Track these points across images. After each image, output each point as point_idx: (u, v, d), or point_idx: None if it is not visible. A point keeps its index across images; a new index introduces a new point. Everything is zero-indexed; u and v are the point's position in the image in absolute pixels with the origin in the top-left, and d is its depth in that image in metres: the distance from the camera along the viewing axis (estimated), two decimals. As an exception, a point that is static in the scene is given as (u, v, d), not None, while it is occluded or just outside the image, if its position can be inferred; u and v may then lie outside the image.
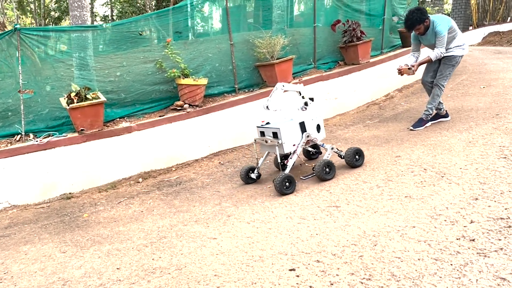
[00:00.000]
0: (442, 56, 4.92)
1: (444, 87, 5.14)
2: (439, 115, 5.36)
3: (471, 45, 20.49)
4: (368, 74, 7.32)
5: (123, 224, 3.79)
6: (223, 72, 6.14)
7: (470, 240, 2.47)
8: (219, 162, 5.43)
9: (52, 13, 17.48)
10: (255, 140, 4.31)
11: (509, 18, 21.74)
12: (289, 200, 3.69)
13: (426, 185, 3.41)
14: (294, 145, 4.07)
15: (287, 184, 3.85)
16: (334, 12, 7.56)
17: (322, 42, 7.26)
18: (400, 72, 5.13)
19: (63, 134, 4.91)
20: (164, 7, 10.92)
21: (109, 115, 5.28)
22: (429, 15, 4.82)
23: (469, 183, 3.27)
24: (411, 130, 5.23)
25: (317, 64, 7.18)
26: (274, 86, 6.26)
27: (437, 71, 5.15)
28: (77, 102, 4.65)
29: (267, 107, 3.90)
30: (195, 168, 5.32)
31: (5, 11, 17.53)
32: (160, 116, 5.41)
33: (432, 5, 21.94)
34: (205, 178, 4.91)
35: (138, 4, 16.63)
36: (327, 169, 4.01)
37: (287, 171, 3.97)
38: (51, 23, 17.20)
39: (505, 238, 2.42)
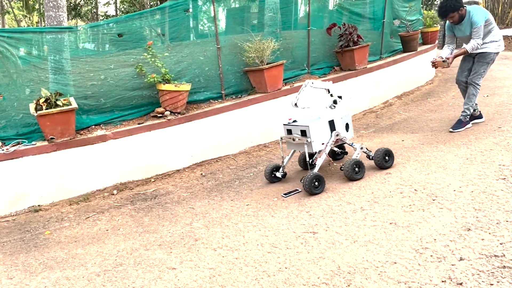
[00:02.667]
0: (479, 47, 4.64)
1: (479, 85, 4.87)
2: (473, 116, 5.11)
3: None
4: (365, 81, 6.97)
5: (83, 246, 3.47)
6: (209, 77, 5.82)
7: (457, 284, 2.12)
8: (201, 174, 5.10)
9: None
10: (281, 138, 4.22)
11: (518, 22, 21.21)
12: (264, 222, 3.36)
13: (415, 209, 3.06)
14: (323, 143, 3.96)
15: (316, 183, 3.74)
16: (330, 15, 7.21)
17: (317, 46, 6.91)
18: (434, 64, 4.90)
19: (32, 143, 4.62)
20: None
21: (84, 122, 4.98)
22: (465, 5, 4.59)
23: (463, 209, 2.91)
24: (450, 131, 4.98)
25: (311, 69, 6.84)
26: (263, 92, 5.99)
27: (471, 69, 4.90)
28: (46, 109, 4.35)
29: (295, 104, 3.83)
30: (175, 180, 5.01)
31: (11, 9, 17.37)
32: (139, 124, 5.10)
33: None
34: (183, 192, 4.59)
35: (139, 4, 16.40)
36: (357, 169, 3.91)
37: (315, 170, 3.85)
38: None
39: (498, 282, 2.07)
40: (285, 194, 3.92)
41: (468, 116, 5.00)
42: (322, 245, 2.78)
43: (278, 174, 4.34)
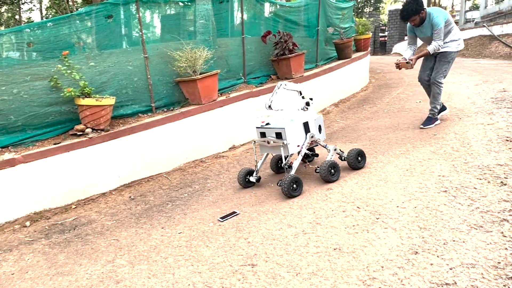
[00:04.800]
0: (440, 49, 4.77)
1: (442, 84, 5.01)
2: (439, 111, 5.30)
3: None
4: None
5: (-22, 298, 2.89)
6: (137, 89, 5.34)
7: (411, 323, 1.90)
8: (130, 196, 4.62)
9: None
10: (254, 141, 4.16)
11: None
12: (198, 254, 2.99)
13: (359, 230, 2.86)
14: (298, 146, 3.93)
15: (294, 186, 3.69)
16: (265, 22, 7.02)
17: (253, 55, 6.67)
18: (399, 66, 4.97)
19: None
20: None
21: (-13, 145, 4.31)
22: (425, 7, 4.69)
23: (407, 228, 2.74)
24: (421, 128, 5.15)
25: (247, 78, 6.58)
26: (197, 104, 5.62)
27: (433, 68, 5.02)
28: None
29: (269, 106, 3.78)
30: (99, 205, 4.47)
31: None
32: (55, 144, 4.51)
33: (369, 15, 22.36)
34: (107, 220, 4.08)
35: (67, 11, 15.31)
36: (332, 171, 3.89)
37: (292, 172, 3.81)
38: None
39: (452, 317, 1.88)
40: (221, 218, 3.58)
41: (437, 114, 5.18)
42: (262, 281, 2.47)
43: (252, 179, 4.24)
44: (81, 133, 4.65)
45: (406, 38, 23.65)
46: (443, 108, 5.35)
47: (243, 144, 6.05)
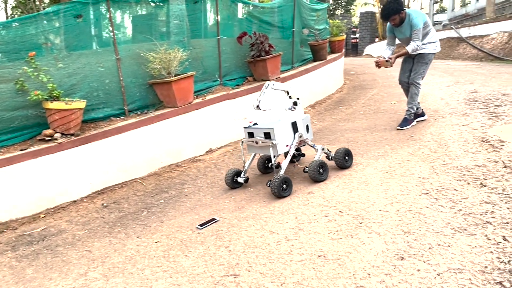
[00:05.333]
0: (419, 49, 4.85)
1: (420, 85, 5.11)
2: (416, 114, 5.32)
3: (378, 56, 21.44)
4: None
5: None
6: (108, 92, 5.13)
7: (402, 334, 1.84)
8: (102, 204, 4.42)
9: None
10: (242, 142, 4.10)
11: (410, 31, 23.13)
12: (177, 265, 2.86)
13: (343, 236, 2.79)
14: (287, 145, 3.90)
15: (284, 186, 3.67)
16: (240, 23, 6.92)
17: (228, 56, 6.56)
18: (378, 65, 5.03)
19: None
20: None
21: None
22: (405, 8, 4.79)
23: (392, 233, 2.70)
24: (398, 129, 5.19)
25: (223, 80, 6.46)
26: (172, 107, 5.46)
27: (412, 70, 5.10)
28: None
29: (257, 106, 3.76)
30: (70, 214, 4.26)
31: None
32: (21, 150, 4.26)
33: (341, 17, 22.61)
34: (78, 229, 3.88)
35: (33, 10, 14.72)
36: (321, 170, 3.88)
37: (281, 172, 3.76)
38: None
39: (444, 326, 1.83)
40: (200, 225, 3.45)
41: (413, 115, 5.23)
42: (245, 292, 2.37)
43: (240, 180, 4.18)
44: (49, 138, 4.42)
45: (377, 40, 23.98)
46: (422, 114, 5.40)
47: (220, 147, 5.93)
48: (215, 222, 3.48)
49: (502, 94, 6.18)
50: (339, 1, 31.59)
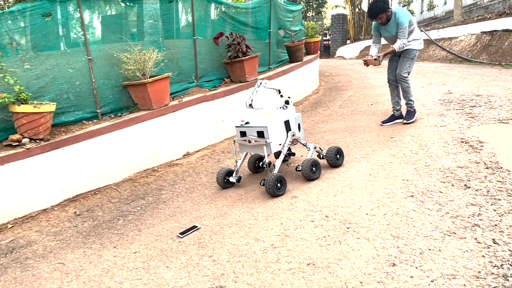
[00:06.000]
0: (405, 47, 4.95)
1: (408, 78, 5.17)
2: (394, 116, 5.47)
3: (350, 58, 21.72)
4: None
5: None
6: (79, 94, 4.90)
7: None
8: (75, 212, 4.19)
9: None
10: (234, 141, 4.08)
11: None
12: (158, 277, 2.70)
13: (331, 242, 2.71)
14: (280, 144, 3.89)
15: (278, 185, 3.65)
16: (217, 24, 6.79)
17: (205, 57, 6.42)
18: (366, 63, 5.06)
19: None
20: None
21: None
22: (391, 7, 4.91)
23: (381, 238, 2.64)
24: (404, 123, 5.29)
25: (200, 82, 6.31)
26: (147, 109, 5.27)
27: (397, 66, 5.21)
28: None
29: (250, 105, 3.77)
30: (40, 224, 4.01)
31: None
32: (-14, 157, 3.99)
33: (316, 20, 22.78)
34: (50, 240, 3.65)
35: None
36: (314, 168, 3.88)
37: (275, 171, 3.75)
38: None
39: (443, 336, 1.76)
40: (181, 233, 3.30)
41: (413, 106, 5.32)
42: (233, 306, 2.25)
43: (232, 179, 4.15)
44: (17, 143, 4.16)
45: (348, 42, 24.30)
46: (400, 117, 5.47)
47: (197, 150, 5.77)
48: (197, 229, 3.34)
49: (476, 95, 6.30)
50: (311, 3, 31.86)
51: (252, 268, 2.58)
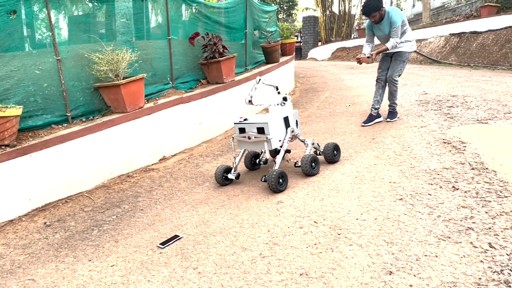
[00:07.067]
0: (397, 46, 5.00)
1: (398, 81, 5.29)
2: (373, 116, 5.48)
3: (322, 60, 21.87)
4: (234, 94, 6.53)
5: None
6: (47, 97, 4.60)
7: None
8: (45, 223, 3.91)
9: None
10: (232, 137, 4.10)
11: (352, 35, 23.90)
12: (140, 293, 2.51)
13: (322, 249, 2.60)
14: (280, 140, 3.92)
15: (280, 180, 3.64)
16: (193, 23, 6.59)
17: (180, 58, 6.21)
18: (359, 61, 5.10)
19: None
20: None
21: None
22: (384, 6, 4.95)
23: (374, 244, 2.55)
24: (388, 121, 5.37)
25: (175, 83, 6.10)
26: (121, 112, 5.02)
27: (389, 68, 5.27)
28: None
29: (250, 101, 3.79)
30: (6, 236, 3.71)
31: None
32: None
33: (290, 21, 22.83)
34: (18, 254, 3.37)
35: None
36: (313, 164, 3.91)
37: (276, 167, 3.72)
38: None
39: None
40: (162, 244, 3.11)
41: (396, 107, 5.46)
42: (224, 323, 2.09)
43: (231, 176, 4.12)
44: (-22, 150, 3.84)
45: (320, 44, 24.45)
46: (378, 116, 5.50)
47: (174, 154, 5.56)
48: (178, 239, 3.16)
49: (452, 95, 6.37)
50: (282, 5, 31.97)
51: (241, 280, 2.43)
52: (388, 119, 5.41)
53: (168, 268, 2.74)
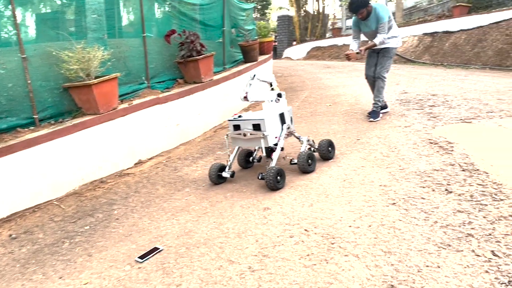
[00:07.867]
0: (385, 41, 5.01)
1: (386, 78, 5.29)
2: (381, 106, 5.47)
3: (298, 59, 21.84)
4: (213, 94, 6.30)
5: None
6: (12, 98, 4.25)
7: None
8: (10, 235, 3.59)
9: None
10: (227, 135, 4.02)
11: (327, 35, 23.98)
12: (118, 316, 2.26)
13: (316, 261, 2.43)
14: (276, 137, 3.86)
15: (278, 178, 3.59)
16: (168, 20, 6.32)
17: (156, 56, 5.93)
18: (348, 57, 5.13)
19: None
20: None
21: None
22: (370, 3, 4.96)
23: (371, 254, 2.39)
24: (371, 121, 5.30)
25: (151, 83, 5.82)
26: (93, 114, 4.71)
27: (377, 64, 5.28)
28: None
29: (245, 98, 3.78)
30: (-34, 252, 3.38)
31: None
32: None
33: (266, 20, 22.68)
34: (-21, 273, 3.06)
35: None
36: (310, 161, 3.87)
37: (273, 164, 3.66)
38: None
39: None
40: (140, 257, 2.86)
41: (380, 107, 5.39)
42: None
43: (225, 174, 4.03)
44: None
45: (294, 43, 24.43)
46: (385, 107, 5.57)
47: (151, 158, 5.29)
48: (159, 252, 2.92)
49: (432, 94, 6.35)
50: (256, 4, 31.80)
51: (231, 298, 2.23)
52: (371, 119, 5.33)
53: (148, 285, 2.51)
